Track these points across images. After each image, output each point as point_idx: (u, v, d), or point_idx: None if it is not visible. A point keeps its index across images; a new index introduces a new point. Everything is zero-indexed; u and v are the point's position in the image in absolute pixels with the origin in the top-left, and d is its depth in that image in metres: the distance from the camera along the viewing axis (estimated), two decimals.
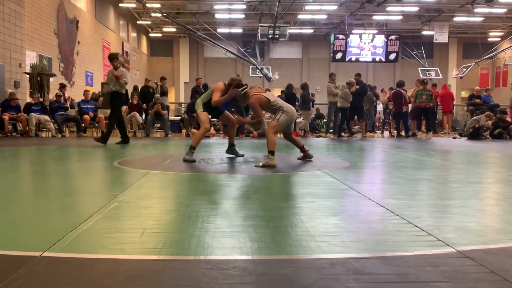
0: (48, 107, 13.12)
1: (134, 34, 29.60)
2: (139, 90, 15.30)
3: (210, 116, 6.57)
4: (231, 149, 6.96)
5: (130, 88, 16.01)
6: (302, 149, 6.40)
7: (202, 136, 6.43)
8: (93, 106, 13.40)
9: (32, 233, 2.49)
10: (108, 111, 14.55)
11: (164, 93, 14.41)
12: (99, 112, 13.56)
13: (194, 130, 12.95)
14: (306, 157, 6.38)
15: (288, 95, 14.25)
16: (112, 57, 9.56)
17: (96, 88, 18.78)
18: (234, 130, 7.00)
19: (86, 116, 12.94)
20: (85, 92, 13.82)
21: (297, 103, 14.40)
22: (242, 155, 6.91)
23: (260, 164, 5.66)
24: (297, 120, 14.77)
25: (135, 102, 13.80)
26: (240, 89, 6.12)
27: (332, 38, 23.77)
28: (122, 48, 25.94)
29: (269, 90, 7.50)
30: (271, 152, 5.72)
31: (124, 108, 14.19)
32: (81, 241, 2.32)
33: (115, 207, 3.13)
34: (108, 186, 4.43)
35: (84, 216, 2.81)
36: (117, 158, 6.68)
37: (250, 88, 6.22)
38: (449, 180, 4.82)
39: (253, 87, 6.36)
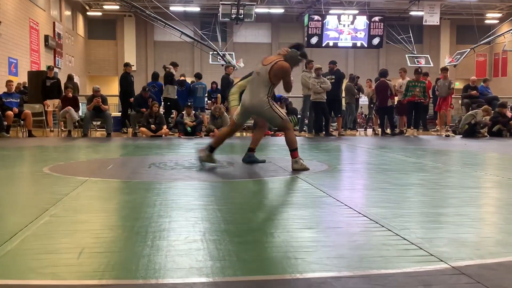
0: None
1: (68, 13, 29.03)
2: (121, 79, 14.91)
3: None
4: (249, 155, 6.26)
5: (63, 78, 15.69)
6: (293, 153, 5.68)
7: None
8: (18, 100, 13.07)
9: None
10: (37, 106, 14.34)
11: (171, 82, 14.24)
12: (25, 108, 13.23)
13: (143, 129, 12.81)
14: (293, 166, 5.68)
15: None
16: None
17: (22, 78, 18.31)
18: (263, 133, 6.50)
19: (10, 112, 12.59)
20: (8, 83, 13.44)
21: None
22: (263, 161, 6.31)
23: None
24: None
25: (69, 95, 13.51)
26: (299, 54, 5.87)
27: (306, 19, 23.90)
28: (54, 30, 25.40)
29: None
30: (210, 147, 5.94)
31: (56, 102, 13.94)
32: (4, 264, 2.27)
33: (46, 223, 3.07)
34: (37, 197, 4.34)
35: (8, 234, 2.74)
36: (47, 163, 6.54)
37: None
38: (441, 185, 4.94)
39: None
